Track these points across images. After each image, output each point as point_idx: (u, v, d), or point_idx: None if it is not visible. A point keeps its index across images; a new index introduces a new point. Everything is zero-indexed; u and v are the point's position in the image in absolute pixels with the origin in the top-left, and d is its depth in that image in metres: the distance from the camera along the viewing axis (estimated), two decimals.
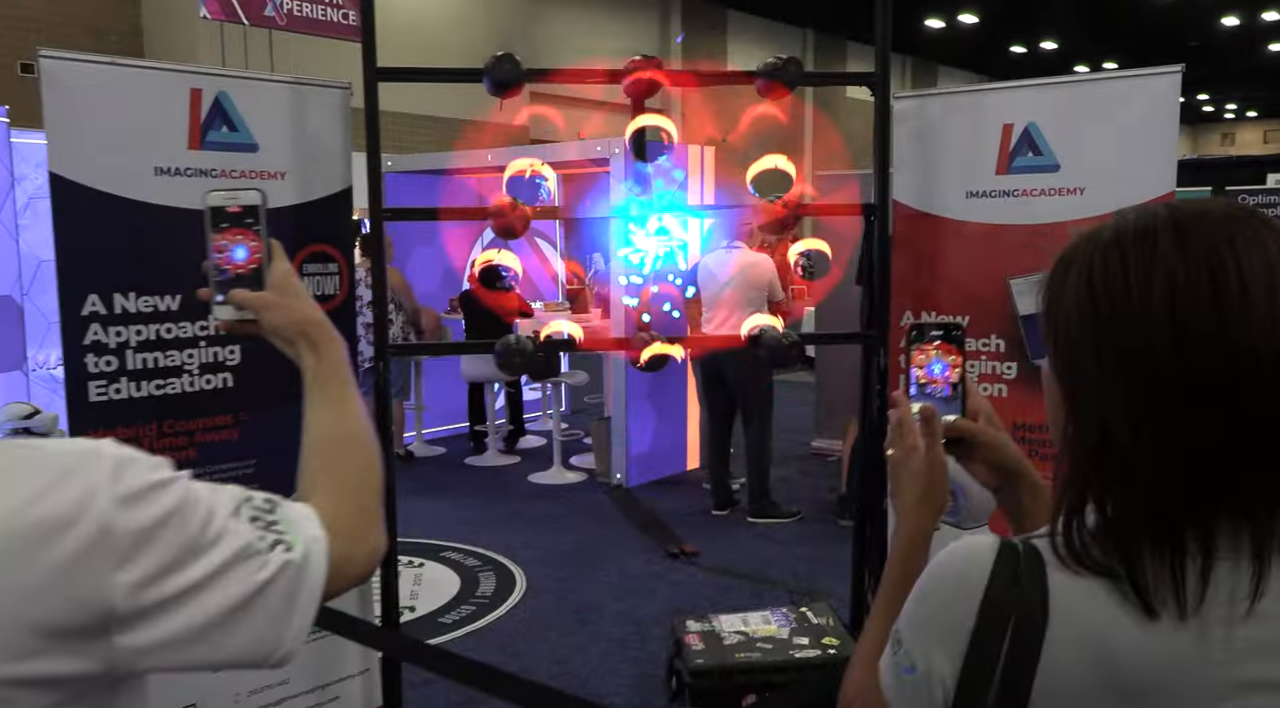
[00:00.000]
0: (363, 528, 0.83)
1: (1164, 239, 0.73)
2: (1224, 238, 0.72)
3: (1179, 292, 0.71)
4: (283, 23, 11.10)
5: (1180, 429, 0.72)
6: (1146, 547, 0.73)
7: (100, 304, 2.42)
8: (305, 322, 0.97)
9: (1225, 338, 0.70)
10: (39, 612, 0.58)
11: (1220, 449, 0.71)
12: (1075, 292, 0.76)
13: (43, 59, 2.27)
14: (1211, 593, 0.73)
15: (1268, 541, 0.73)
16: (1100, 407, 0.75)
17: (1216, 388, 0.71)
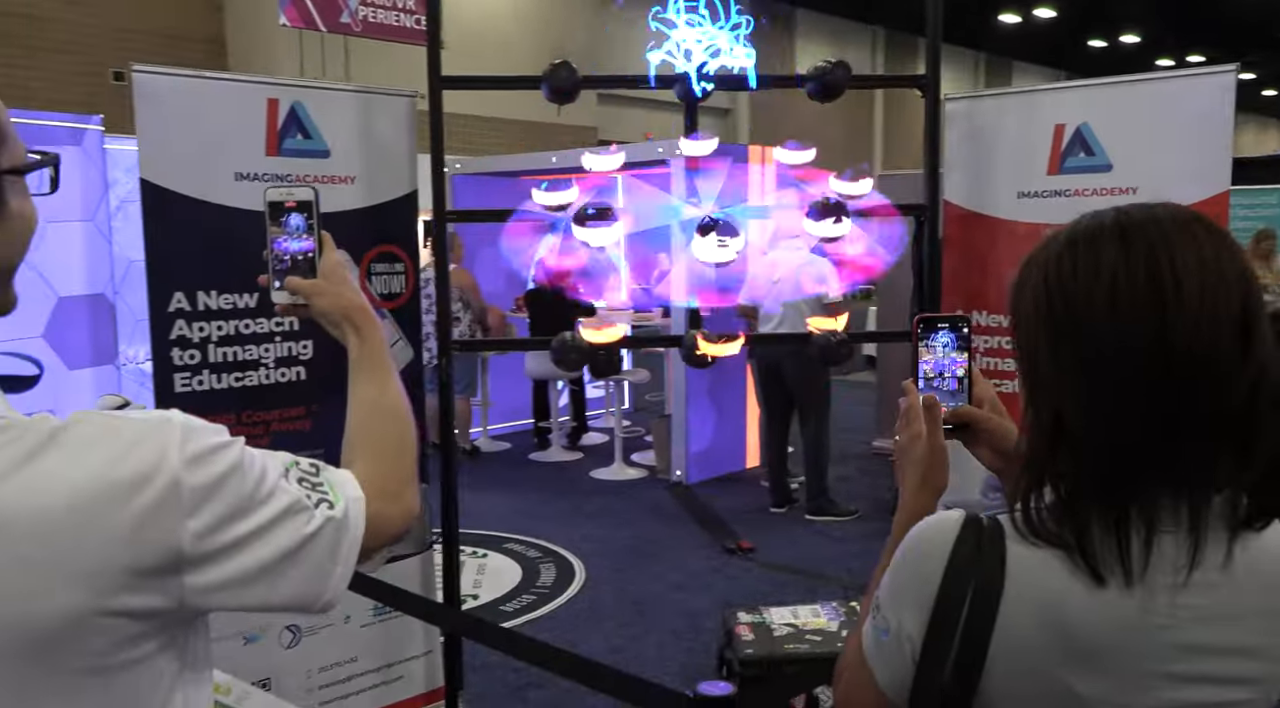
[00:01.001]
0: (397, 490, 0.93)
1: (1109, 242, 0.80)
2: (1162, 240, 0.79)
3: (1120, 291, 0.78)
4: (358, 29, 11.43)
5: (1123, 418, 0.79)
6: (1095, 521, 0.80)
7: (185, 301, 2.59)
8: (350, 307, 1.07)
9: (1162, 335, 0.77)
10: (125, 555, 0.68)
11: (1159, 437, 0.78)
12: (1033, 292, 0.84)
13: (135, 73, 2.44)
14: (1156, 562, 0.80)
15: (1203, 516, 0.79)
16: (1053, 396, 0.83)
17: (1155, 381, 0.78)
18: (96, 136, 4.27)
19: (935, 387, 1.13)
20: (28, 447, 0.68)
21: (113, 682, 0.70)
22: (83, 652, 0.68)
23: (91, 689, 0.69)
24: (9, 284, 0.79)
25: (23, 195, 0.77)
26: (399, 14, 11.58)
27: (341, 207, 2.77)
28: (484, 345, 6.80)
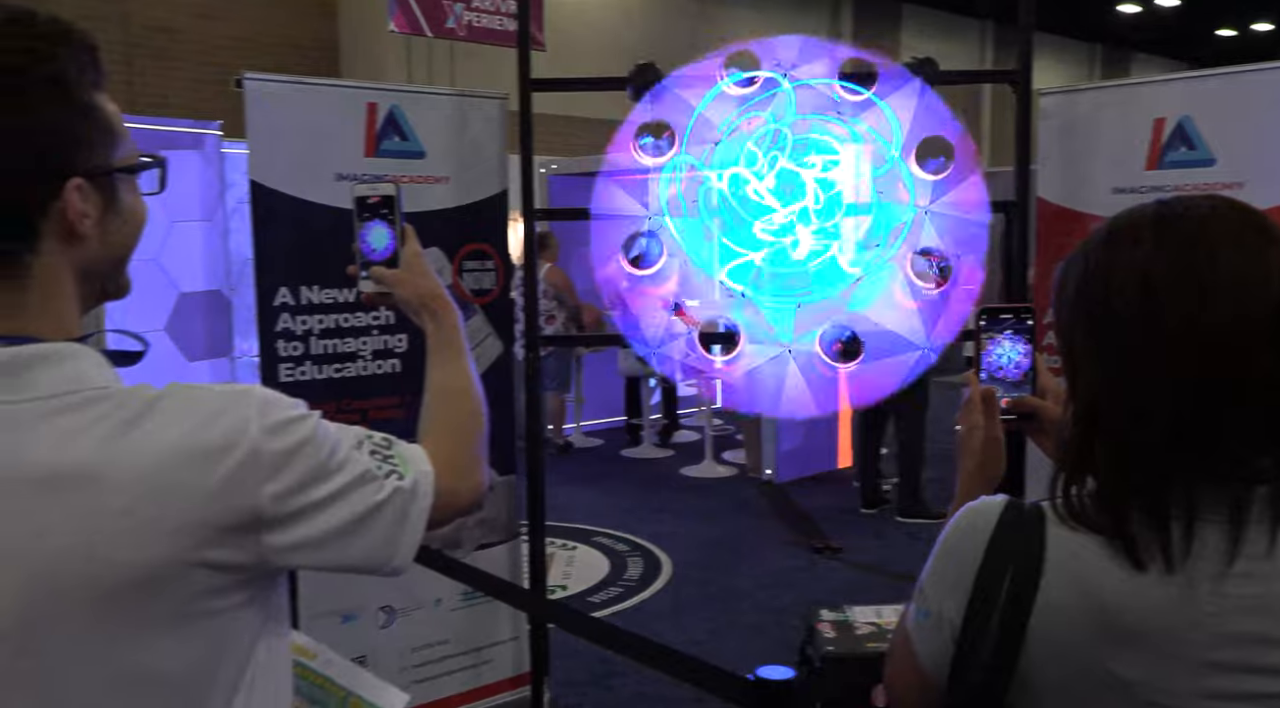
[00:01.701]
0: (466, 466, 0.99)
1: (1146, 233, 0.81)
2: (1201, 233, 0.79)
3: (1153, 283, 0.79)
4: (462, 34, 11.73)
5: (1157, 409, 0.79)
6: (1134, 508, 0.80)
7: (289, 295, 2.74)
8: (429, 295, 1.14)
9: (1195, 328, 0.77)
10: (211, 513, 0.76)
11: (1195, 428, 0.78)
12: (1073, 284, 0.85)
13: (246, 80, 2.60)
14: (1198, 551, 0.80)
15: (1245, 507, 0.79)
16: (1090, 385, 0.83)
17: (1188, 373, 0.78)
18: (215, 141, 4.53)
19: (998, 378, 1.14)
20: (131, 413, 0.76)
21: (202, 628, 0.77)
22: (174, 598, 0.75)
23: (183, 634, 0.76)
24: (124, 271, 0.87)
25: (134, 192, 0.85)
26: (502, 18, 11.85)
27: (435, 206, 2.89)
28: (572, 340, 6.92)
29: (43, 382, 0.75)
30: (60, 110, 0.77)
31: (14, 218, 0.76)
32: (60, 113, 0.77)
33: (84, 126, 0.79)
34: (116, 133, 0.82)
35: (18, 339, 0.76)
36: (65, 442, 0.74)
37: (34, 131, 0.75)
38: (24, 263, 0.77)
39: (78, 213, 0.78)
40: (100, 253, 0.82)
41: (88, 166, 0.79)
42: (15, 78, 0.74)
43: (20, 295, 0.78)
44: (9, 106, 0.74)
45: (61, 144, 0.77)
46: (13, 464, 0.73)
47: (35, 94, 0.75)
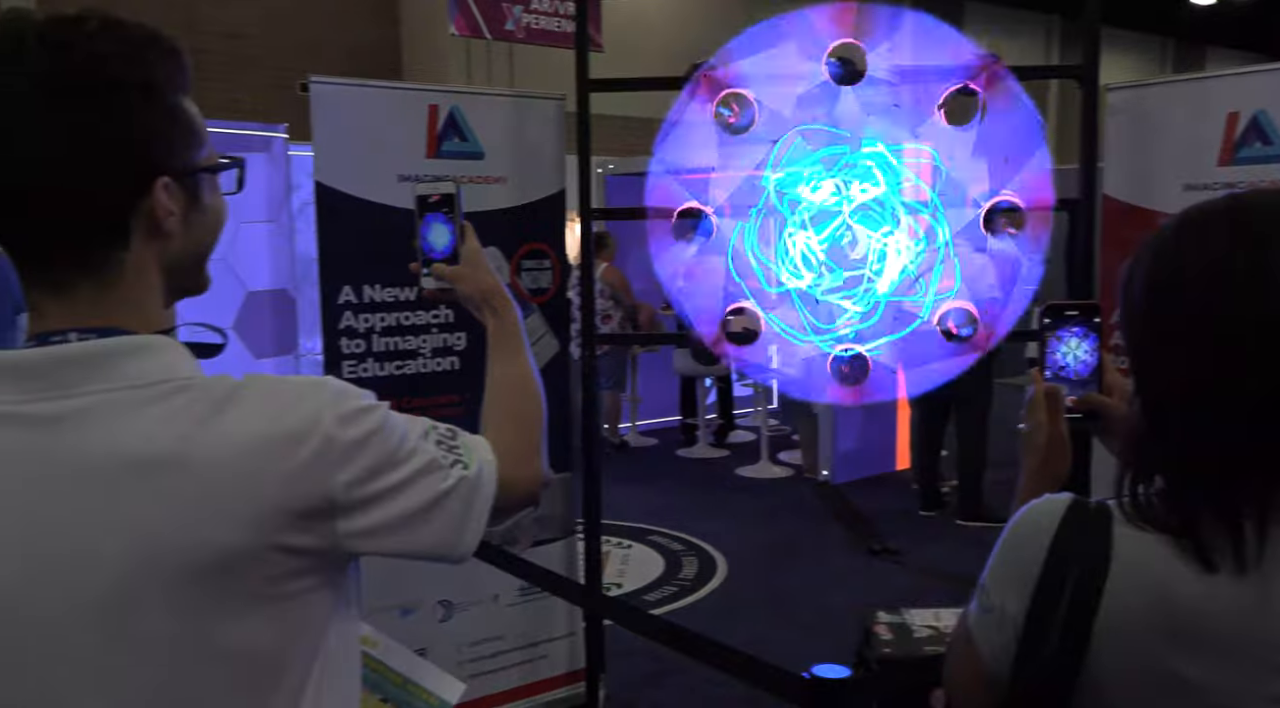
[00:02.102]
0: (526, 456, 1.01)
1: (1217, 225, 0.79)
2: (1273, 224, 0.77)
3: (1224, 275, 0.77)
4: (521, 36, 11.86)
5: (1227, 403, 0.77)
6: (1204, 508, 0.79)
7: (352, 294, 2.80)
8: (489, 290, 1.16)
9: (1265, 318, 0.75)
10: (287, 498, 0.79)
11: (1267, 423, 0.76)
12: (1141, 275, 0.83)
13: (312, 83, 2.66)
14: (1271, 552, 0.77)
15: None
16: (1157, 380, 0.82)
17: (1259, 366, 0.76)
18: (282, 143, 4.63)
19: (1063, 375, 1.12)
20: (212, 402, 0.79)
21: (278, 609, 0.80)
22: (253, 579, 0.78)
23: (260, 613, 0.79)
24: (204, 267, 0.91)
25: (215, 191, 0.89)
26: (560, 20, 11.95)
27: (494, 206, 2.92)
28: (628, 339, 6.95)
29: (132, 372, 0.79)
30: (150, 113, 0.80)
31: (109, 216, 0.80)
32: (150, 115, 0.80)
33: (171, 128, 0.82)
34: (199, 134, 0.85)
35: (109, 331, 0.80)
36: (154, 429, 0.77)
37: (127, 134, 0.79)
38: (116, 259, 0.81)
39: (165, 210, 0.82)
40: (184, 249, 0.86)
41: (174, 166, 0.82)
42: (110, 83, 0.77)
43: (112, 291, 0.81)
44: (104, 110, 0.77)
45: (151, 145, 0.80)
46: (107, 451, 0.76)
47: (128, 98, 0.78)
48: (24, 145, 0.76)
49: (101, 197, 0.79)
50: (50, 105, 0.76)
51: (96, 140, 0.77)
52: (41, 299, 0.81)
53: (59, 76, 0.76)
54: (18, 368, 0.79)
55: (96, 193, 0.78)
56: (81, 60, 0.77)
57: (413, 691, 1.14)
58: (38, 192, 0.77)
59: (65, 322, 0.80)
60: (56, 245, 0.79)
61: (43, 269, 0.80)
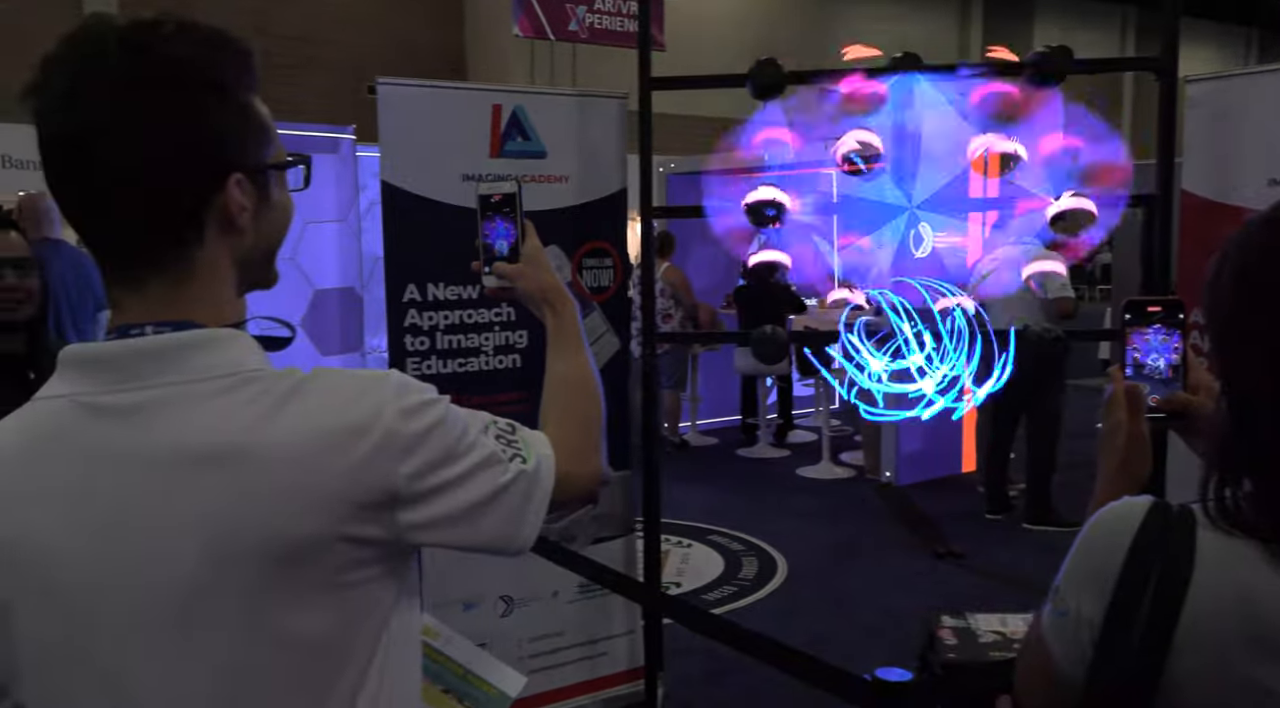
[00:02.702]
0: (584, 453, 1.02)
1: None
2: None
3: None
4: (584, 36, 11.93)
5: None
6: None
7: (416, 292, 2.84)
8: (548, 289, 1.17)
9: None
10: (352, 489, 0.80)
11: None
12: (1229, 272, 0.80)
13: (379, 84, 2.70)
14: None
15: None
16: (1245, 378, 0.79)
17: None
18: (349, 145, 4.72)
19: (1145, 374, 1.09)
20: (281, 394, 0.81)
21: (343, 598, 0.82)
22: (319, 569, 0.80)
23: (326, 602, 0.81)
24: (273, 263, 0.93)
25: (283, 188, 0.91)
26: (623, 19, 11.98)
27: (555, 205, 2.94)
28: (688, 337, 6.94)
29: (204, 364, 0.81)
30: (224, 112, 0.82)
31: (186, 213, 0.82)
32: (224, 114, 0.82)
33: (243, 127, 0.84)
34: (269, 132, 0.87)
35: (183, 325, 0.82)
36: (225, 420, 0.79)
37: (203, 133, 0.81)
38: (191, 255, 0.83)
39: (238, 206, 0.84)
40: (254, 244, 0.88)
41: (246, 164, 0.84)
42: (187, 83, 0.80)
43: (187, 285, 0.84)
44: (182, 110, 0.80)
45: (225, 143, 0.83)
46: (178, 441, 0.79)
47: (204, 98, 0.81)
48: (107, 146, 0.78)
49: (179, 194, 0.81)
50: (132, 106, 0.78)
51: (175, 139, 0.80)
52: (121, 294, 0.84)
53: (139, 78, 0.78)
54: (97, 360, 0.82)
55: (175, 191, 0.81)
56: (160, 62, 0.79)
57: (473, 682, 1.15)
58: (120, 190, 0.79)
59: (142, 316, 0.82)
60: (136, 242, 0.82)
61: (122, 265, 0.83)
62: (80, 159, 0.79)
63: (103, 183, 0.79)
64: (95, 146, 0.78)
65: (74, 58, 0.79)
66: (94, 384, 0.81)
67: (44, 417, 0.82)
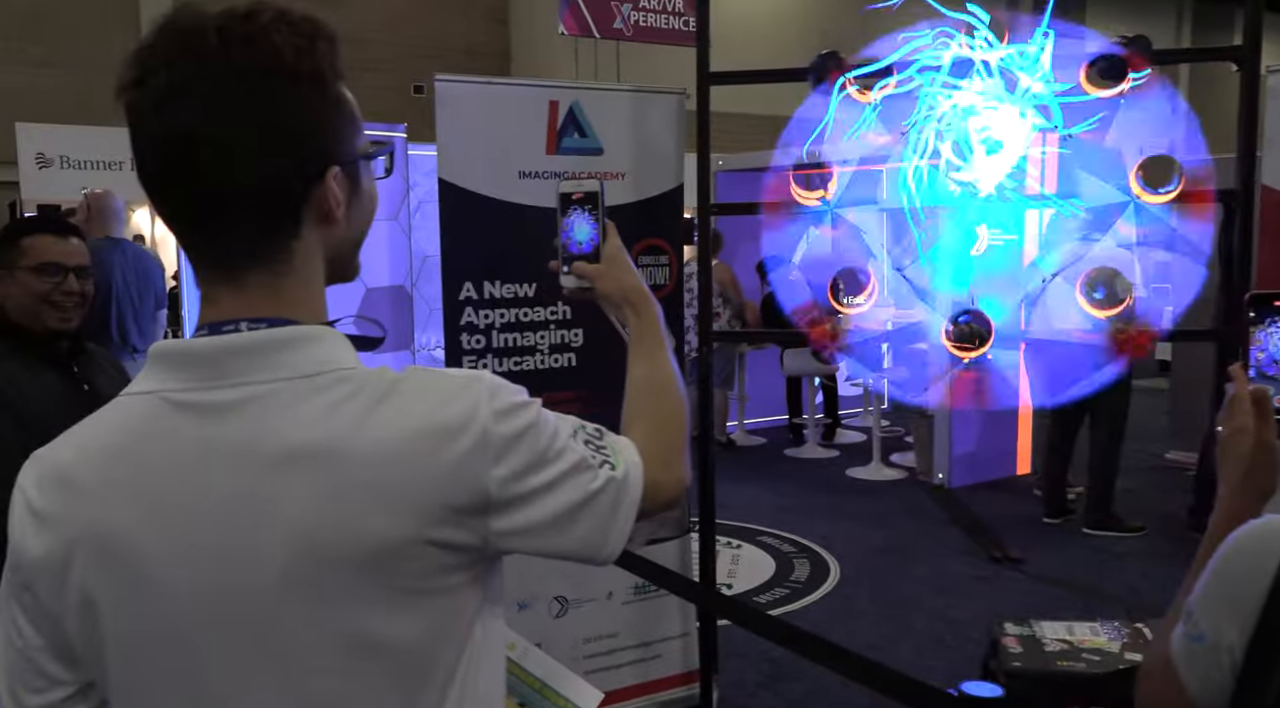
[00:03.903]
0: (670, 459, 0.98)
1: None
2: None
3: None
4: (629, 34, 11.89)
5: None
6: None
7: (473, 290, 2.82)
8: (630, 290, 1.13)
9: None
10: (445, 492, 0.77)
11: None
12: None
13: (437, 82, 2.69)
14: None
15: None
16: None
17: None
18: (401, 143, 4.73)
19: (1271, 375, 1.02)
20: (375, 394, 0.78)
21: (428, 604, 0.79)
22: (407, 572, 0.77)
23: (411, 607, 0.78)
24: (358, 255, 0.90)
25: (370, 177, 0.88)
26: (668, 17, 11.93)
27: (612, 201, 2.89)
28: (743, 336, 6.89)
29: (296, 362, 0.79)
30: (321, 102, 0.80)
31: (285, 206, 0.80)
32: (321, 105, 0.80)
33: (338, 117, 0.81)
34: (359, 121, 0.85)
35: (277, 321, 0.80)
36: (319, 419, 0.77)
37: (302, 124, 0.78)
38: (288, 249, 0.81)
39: (335, 199, 0.81)
40: (346, 237, 0.85)
41: (341, 155, 0.82)
42: (286, 73, 0.77)
43: (282, 280, 0.81)
44: (282, 101, 0.77)
45: (323, 135, 0.80)
46: (271, 440, 0.77)
47: (302, 88, 0.78)
48: (209, 140, 0.76)
49: (281, 188, 0.79)
50: (235, 99, 0.75)
51: (278, 132, 0.77)
52: (215, 288, 0.81)
53: (241, 70, 0.76)
54: (189, 356, 0.80)
55: (277, 185, 0.78)
56: (259, 53, 0.76)
57: (549, 696, 1.12)
58: (221, 186, 0.77)
59: (237, 311, 0.80)
60: (235, 238, 0.80)
61: (220, 261, 0.81)
62: (181, 155, 0.76)
63: (203, 179, 0.77)
64: (196, 141, 0.76)
65: (171, 51, 0.76)
66: (185, 381, 0.79)
67: (134, 413, 0.80)
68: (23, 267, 1.98)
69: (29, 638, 0.83)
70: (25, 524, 0.81)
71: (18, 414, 1.85)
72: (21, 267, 1.98)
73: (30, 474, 0.83)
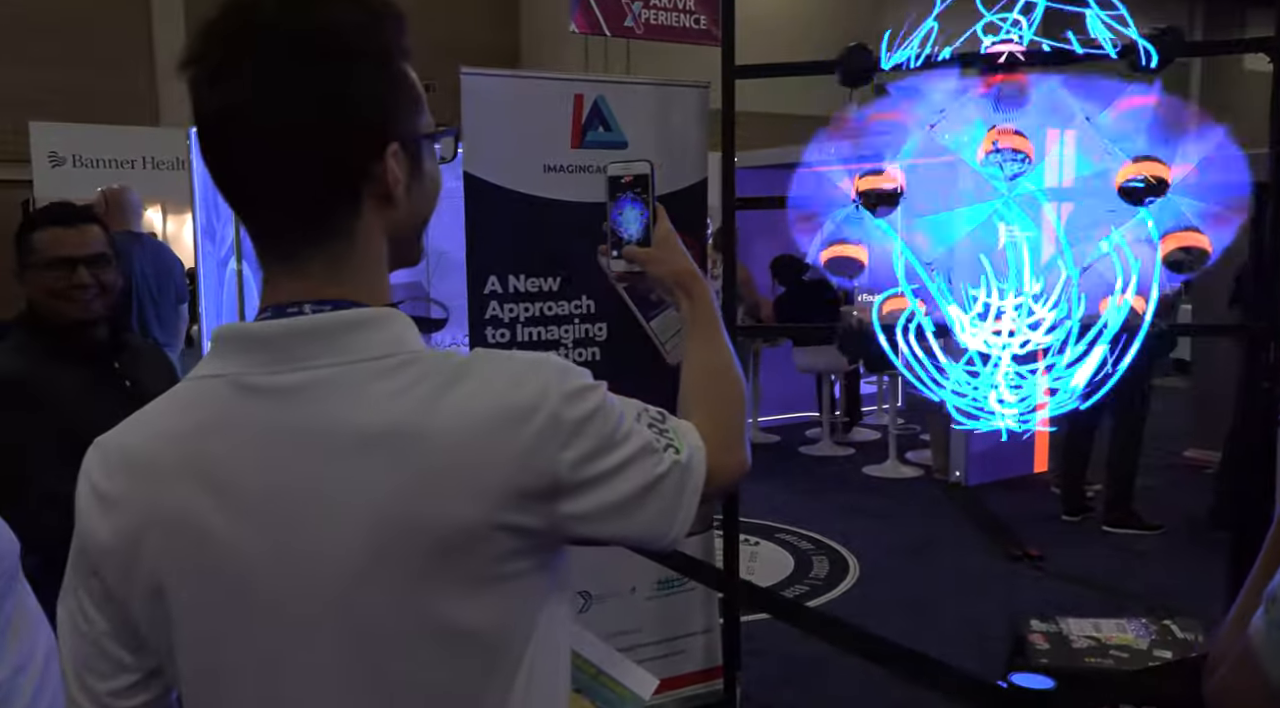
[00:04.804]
0: (731, 443, 0.97)
1: None
2: None
3: None
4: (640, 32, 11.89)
5: None
6: None
7: (497, 284, 2.81)
8: (683, 273, 1.12)
9: None
10: (516, 476, 0.76)
11: None
12: None
13: (463, 75, 2.68)
14: None
15: None
16: None
17: None
18: None
19: None
20: (444, 377, 0.77)
21: (498, 589, 0.78)
22: (478, 558, 0.76)
23: (482, 593, 0.77)
24: (421, 239, 0.89)
25: (432, 159, 0.87)
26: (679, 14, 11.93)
27: None
28: (762, 331, 6.88)
29: (362, 345, 0.78)
30: (383, 80, 0.79)
31: (345, 184, 0.79)
32: (383, 82, 0.79)
33: (400, 94, 0.81)
34: (422, 101, 0.84)
35: (341, 304, 0.79)
36: (389, 402, 0.76)
37: (364, 101, 0.77)
38: (348, 229, 0.80)
39: (395, 178, 0.80)
40: (407, 218, 0.84)
41: (402, 133, 0.80)
42: (349, 50, 0.76)
43: (343, 262, 0.80)
44: (345, 77, 0.76)
45: (384, 111, 0.79)
46: (344, 423, 0.76)
47: (365, 65, 0.77)
48: (270, 116, 0.75)
49: (341, 166, 0.78)
50: (296, 75, 0.75)
51: (339, 108, 0.76)
52: (277, 272, 0.81)
53: (303, 45, 0.75)
54: (254, 339, 0.79)
55: (336, 162, 0.77)
56: (323, 28, 0.76)
57: (605, 683, 1.11)
58: (281, 163, 0.76)
59: (299, 293, 0.79)
60: (295, 217, 0.79)
61: (280, 242, 0.80)
62: (243, 134, 0.76)
63: (264, 155, 0.76)
64: (258, 117, 0.75)
65: (234, 26, 0.76)
66: (252, 364, 0.78)
67: (203, 396, 0.80)
68: (34, 264, 1.94)
69: (95, 623, 0.82)
70: (91, 508, 0.81)
71: (53, 412, 1.84)
72: (33, 264, 1.94)
73: (95, 459, 0.82)
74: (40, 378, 1.90)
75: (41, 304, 1.96)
